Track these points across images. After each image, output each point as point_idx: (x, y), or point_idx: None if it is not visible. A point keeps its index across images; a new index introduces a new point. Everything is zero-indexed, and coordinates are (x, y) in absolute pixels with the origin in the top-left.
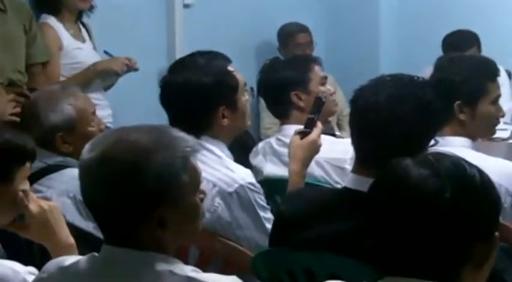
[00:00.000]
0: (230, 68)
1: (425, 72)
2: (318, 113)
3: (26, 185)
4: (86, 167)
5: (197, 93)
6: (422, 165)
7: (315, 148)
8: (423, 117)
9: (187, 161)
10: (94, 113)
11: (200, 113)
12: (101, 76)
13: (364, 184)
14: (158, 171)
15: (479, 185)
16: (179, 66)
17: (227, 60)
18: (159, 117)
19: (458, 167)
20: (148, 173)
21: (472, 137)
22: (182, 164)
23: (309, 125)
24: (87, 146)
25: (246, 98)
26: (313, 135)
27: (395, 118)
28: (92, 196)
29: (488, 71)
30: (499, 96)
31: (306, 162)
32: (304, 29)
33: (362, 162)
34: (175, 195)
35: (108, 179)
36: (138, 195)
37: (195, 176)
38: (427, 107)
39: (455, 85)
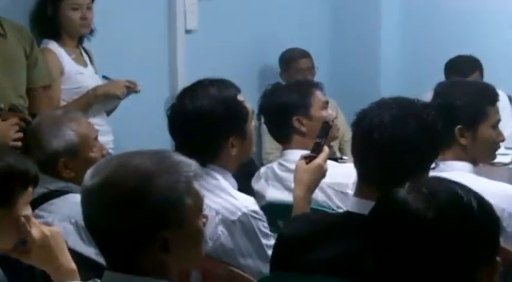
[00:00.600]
0: (240, 97)
1: (427, 97)
2: (325, 138)
3: (28, 210)
4: (88, 192)
5: (209, 122)
6: (419, 197)
7: (320, 173)
8: (427, 137)
9: (190, 184)
10: (96, 138)
11: (209, 142)
12: (102, 100)
13: (366, 207)
14: (161, 194)
15: (477, 212)
16: (189, 94)
17: (237, 89)
18: (161, 142)
19: (455, 196)
20: (151, 197)
21: (473, 161)
22: (185, 187)
23: (316, 150)
24: (89, 172)
25: (253, 126)
26: (319, 159)
27: (399, 137)
28: (95, 221)
29: (488, 95)
30: (499, 120)
31: (312, 187)
32: (305, 55)
33: (365, 184)
34: (179, 219)
35: (110, 203)
36: (142, 219)
37: (197, 199)
38: (430, 126)
39: (456, 109)
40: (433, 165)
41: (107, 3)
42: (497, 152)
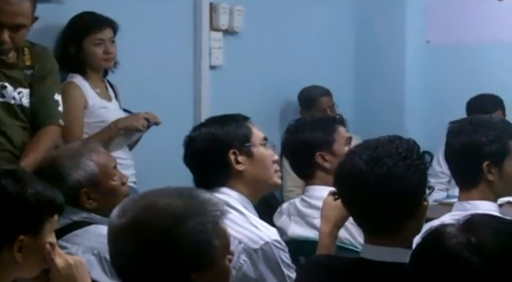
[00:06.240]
0: (247, 123)
1: None
2: None
3: (53, 238)
4: (115, 232)
5: (206, 142)
6: (466, 246)
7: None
8: (406, 168)
9: (217, 225)
10: (115, 166)
11: (213, 160)
12: (123, 133)
13: (378, 253)
14: (190, 238)
15: None
16: (198, 125)
17: (244, 117)
18: (184, 177)
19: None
20: (180, 241)
21: (498, 197)
22: (213, 229)
23: None
24: (115, 211)
25: (267, 152)
26: None
27: (381, 179)
28: (122, 262)
29: (509, 130)
30: None
31: (338, 224)
32: (325, 93)
33: (370, 233)
34: (207, 261)
35: (139, 247)
36: (171, 263)
37: (225, 239)
38: (404, 157)
39: (481, 146)
40: (427, 191)
41: (132, 38)
42: None
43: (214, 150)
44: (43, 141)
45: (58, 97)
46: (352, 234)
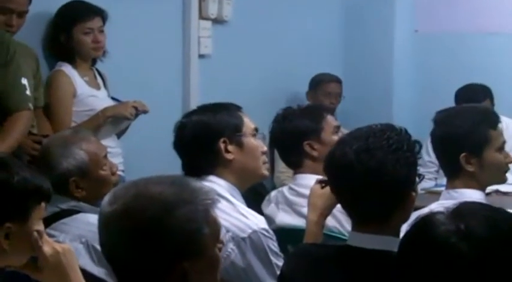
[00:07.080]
0: (239, 113)
1: None
2: None
3: (40, 226)
4: (106, 219)
5: (197, 129)
6: (455, 233)
7: (335, 198)
8: (396, 161)
9: (208, 213)
10: (106, 156)
11: (203, 148)
12: (111, 122)
13: (365, 241)
14: (181, 226)
15: None
16: (190, 112)
17: (236, 106)
18: (172, 165)
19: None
20: (171, 229)
21: (483, 187)
22: (203, 217)
23: None
24: (107, 198)
25: (257, 143)
26: None
27: (370, 171)
28: (113, 250)
29: (488, 119)
30: (503, 142)
31: (325, 212)
32: (336, 80)
33: (357, 221)
34: (197, 250)
35: (130, 235)
36: (161, 251)
37: (215, 227)
38: (395, 149)
39: (458, 138)
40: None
41: (121, 27)
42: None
43: (204, 138)
44: (16, 128)
45: (24, 81)
46: (340, 221)
